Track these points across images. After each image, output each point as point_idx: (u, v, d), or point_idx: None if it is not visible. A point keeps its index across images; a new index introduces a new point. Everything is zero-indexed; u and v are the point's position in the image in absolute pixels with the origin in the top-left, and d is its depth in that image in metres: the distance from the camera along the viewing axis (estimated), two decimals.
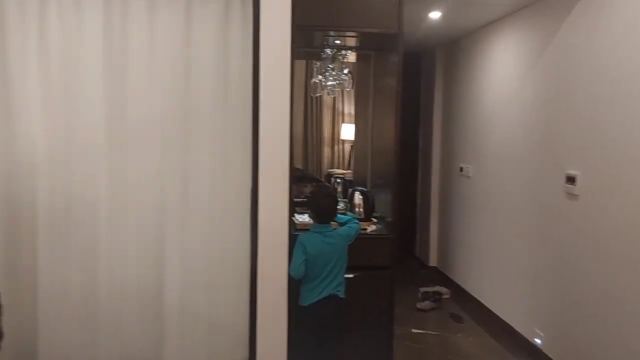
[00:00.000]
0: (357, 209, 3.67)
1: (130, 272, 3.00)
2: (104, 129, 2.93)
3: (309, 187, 4.23)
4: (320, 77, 4.13)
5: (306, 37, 3.64)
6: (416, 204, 6.45)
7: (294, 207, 3.39)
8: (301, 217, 3.47)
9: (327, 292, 3.00)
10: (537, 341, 3.74)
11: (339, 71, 4.09)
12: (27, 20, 2.84)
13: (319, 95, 4.42)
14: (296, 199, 3.51)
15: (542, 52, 3.81)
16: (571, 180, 3.37)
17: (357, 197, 3.71)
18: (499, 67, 4.54)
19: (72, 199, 2.93)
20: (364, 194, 3.69)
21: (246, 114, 2.98)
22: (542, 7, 3.83)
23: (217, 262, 3.06)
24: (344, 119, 4.77)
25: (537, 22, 3.91)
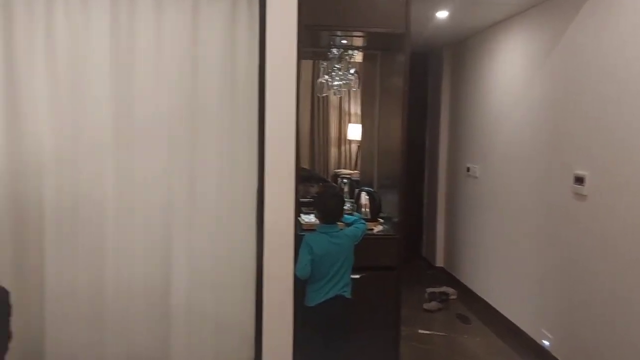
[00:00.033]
0: (363, 209, 3.67)
1: (137, 271, 3.01)
2: (110, 128, 2.93)
3: (316, 187, 4.22)
4: (326, 77, 4.13)
5: (313, 37, 3.64)
6: (423, 204, 6.44)
7: (300, 207, 3.38)
8: (307, 218, 3.47)
9: (333, 293, 2.99)
10: (545, 342, 3.72)
11: (346, 71, 4.08)
12: (34, 19, 2.85)
13: (325, 95, 4.42)
14: (303, 199, 3.51)
15: (550, 51, 3.78)
16: (579, 180, 3.35)
17: (363, 197, 3.71)
18: (506, 66, 4.52)
19: (79, 198, 2.94)
20: (370, 194, 3.68)
21: (253, 113, 2.99)
22: (550, 6, 3.81)
23: (223, 262, 3.06)
24: (350, 119, 4.77)
25: (545, 21, 3.89)
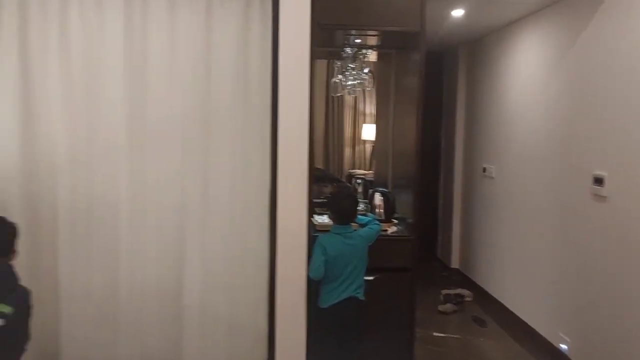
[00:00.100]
0: (377, 210, 3.64)
1: (150, 272, 3.02)
2: (124, 130, 2.94)
3: (330, 187, 4.20)
4: (340, 76, 4.10)
5: (326, 36, 3.61)
6: (438, 205, 6.38)
7: (313, 208, 3.36)
8: (320, 218, 3.44)
9: (347, 294, 2.96)
10: (563, 346, 3.65)
11: (360, 70, 4.05)
12: (48, 19, 2.86)
13: (339, 95, 4.39)
14: (316, 200, 3.48)
15: (566, 51, 3.72)
16: (599, 181, 3.28)
17: (377, 198, 3.67)
18: (522, 66, 4.45)
19: (92, 200, 2.95)
20: (384, 195, 3.65)
21: (266, 114, 2.97)
22: (566, 6, 3.74)
23: (236, 263, 3.06)
24: (365, 119, 4.73)
25: (561, 21, 3.82)
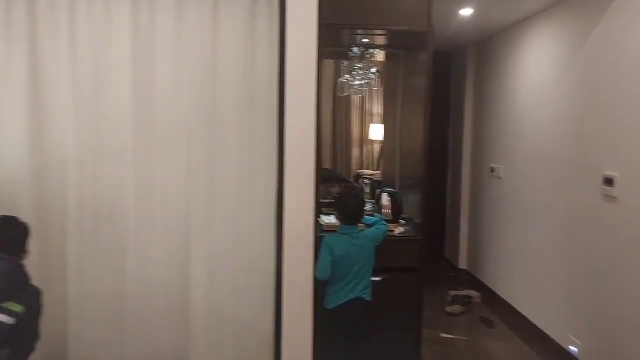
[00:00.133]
0: (384, 211, 3.62)
1: (157, 273, 3.02)
2: (132, 130, 2.94)
3: (337, 187, 4.18)
4: (347, 76, 4.08)
5: (334, 36, 3.60)
6: (446, 205, 6.35)
7: (320, 209, 3.35)
8: (327, 219, 3.43)
9: (353, 295, 2.95)
10: (573, 349, 3.61)
11: (367, 70, 4.03)
12: (56, 19, 2.86)
13: (347, 95, 4.38)
14: (324, 200, 3.47)
15: (576, 50, 3.68)
16: (609, 182, 3.25)
17: (384, 198, 3.65)
18: (532, 65, 4.42)
19: (100, 201, 2.95)
20: (391, 195, 3.63)
21: (273, 114, 2.96)
22: (577, 4, 3.70)
23: (243, 264, 3.05)
24: (372, 119, 4.71)
25: (571, 20, 3.78)
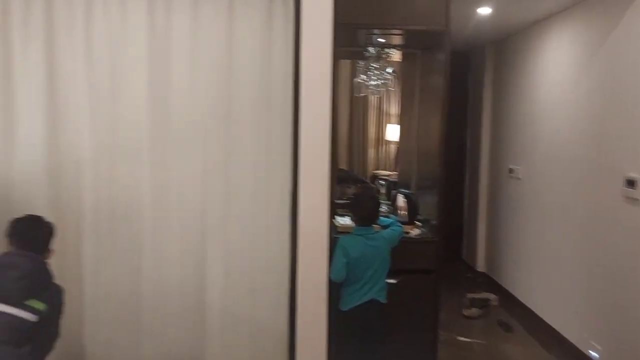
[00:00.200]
0: (400, 212, 3.58)
1: (173, 273, 3.02)
2: (148, 130, 2.95)
3: (353, 188, 4.16)
4: (363, 76, 4.05)
5: (350, 36, 3.58)
6: (463, 206, 6.28)
7: (335, 209, 3.33)
8: (342, 220, 3.40)
9: (368, 297, 2.92)
10: (593, 354, 3.54)
11: (383, 70, 4.00)
12: (72, 19, 2.87)
13: (363, 95, 4.35)
14: (338, 201, 3.45)
15: (596, 50, 3.60)
16: (631, 183, 3.17)
17: (400, 199, 3.62)
18: (550, 65, 4.34)
19: (116, 201, 2.97)
20: (407, 197, 3.59)
21: (288, 113, 2.95)
22: (596, 4, 3.63)
23: (258, 264, 3.04)
24: (389, 120, 4.68)
25: (591, 19, 3.71)
